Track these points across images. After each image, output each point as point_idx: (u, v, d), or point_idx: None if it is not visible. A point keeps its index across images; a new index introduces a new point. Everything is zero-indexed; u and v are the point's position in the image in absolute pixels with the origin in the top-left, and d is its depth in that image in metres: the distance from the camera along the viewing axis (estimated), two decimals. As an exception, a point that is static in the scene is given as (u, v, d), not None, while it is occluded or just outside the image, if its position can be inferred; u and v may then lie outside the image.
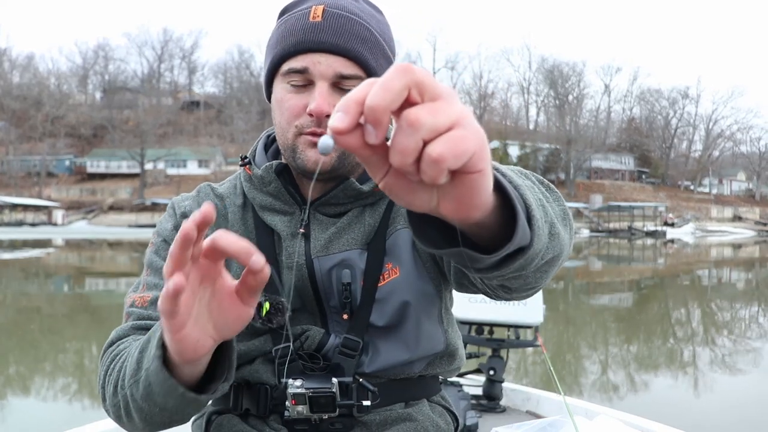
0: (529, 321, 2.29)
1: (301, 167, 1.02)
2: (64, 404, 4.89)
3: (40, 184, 69.82)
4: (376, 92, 0.44)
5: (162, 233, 1.11)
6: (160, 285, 1.03)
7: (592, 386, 5.47)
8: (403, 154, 0.45)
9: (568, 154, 74.48)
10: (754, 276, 17.25)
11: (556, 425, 1.63)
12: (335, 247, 1.04)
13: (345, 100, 0.46)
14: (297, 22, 0.99)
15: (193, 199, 1.14)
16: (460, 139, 0.45)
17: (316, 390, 0.99)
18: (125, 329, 1.00)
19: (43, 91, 79.47)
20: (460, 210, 0.51)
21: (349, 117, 0.45)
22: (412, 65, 0.45)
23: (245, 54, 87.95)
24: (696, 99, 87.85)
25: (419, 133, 0.44)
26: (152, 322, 0.99)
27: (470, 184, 0.48)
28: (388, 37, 1.05)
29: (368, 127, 0.45)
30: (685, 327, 8.73)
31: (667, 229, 57.00)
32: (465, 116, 0.46)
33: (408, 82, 0.44)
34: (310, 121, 0.98)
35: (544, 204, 0.73)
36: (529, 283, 0.79)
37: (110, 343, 0.99)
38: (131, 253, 24.32)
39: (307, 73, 0.98)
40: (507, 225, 0.62)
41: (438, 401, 1.16)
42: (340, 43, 0.97)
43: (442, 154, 0.44)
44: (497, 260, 0.64)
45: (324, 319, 1.05)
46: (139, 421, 0.84)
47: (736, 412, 4.68)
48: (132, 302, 1.04)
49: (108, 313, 9.12)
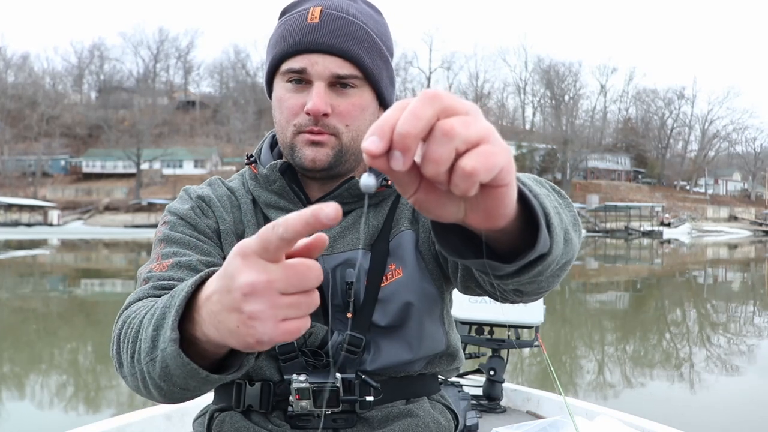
0: (529, 321, 2.29)
1: (299, 165, 1.05)
2: (59, 406, 4.86)
3: (35, 184, 69.62)
4: (406, 119, 0.45)
5: (178, 212, 1.09)
6: (179, 253, 1.01)
7: (588, 386, 5.46)
8: (437, 163, 0.46)
9: (564, 155, 74.63)
10: (750, 276, 17.29)
11: (556, 425, 1.63)
12: (339, 246, 1.06)
13: (379, 125, 0.47)
14: (295, 23, 1.02)
15: (207, 188, 1.15)
16: (491, 153, 0.46)
17: (320, 384, 1.00)
18: (144, 290, 0.95)
19: (39, 90, 79.31)
20: (487, 221, 0.52)
21: (383, 142, 0.46)
22: (439, 92, 0.46)
23: (241, 54, 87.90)
24: (692, 99, 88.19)
25: (453, 142, 0.45)
26: (175, 282, 0.95)
27: (498, 196, 0.50)
28: (386, 37, 1.07)
29: (396, 154, 0.46)
30: (681, 326, 8.75)
31: (664, 229, 57.19)
32: (492, 132, 0.48)
33: (437, 110, 0.46)
34: (308, 120, 1.01)
35: (560, 211, 0.75)
36: (542, 287, 0.81)
37: (126, 307, 0.93)
38: (127, 253, 24.25)
39: (305, 73, 1.00)
40: (526, 230, 0.64)
41: (438, 399, 1.17)
42: (336, 44, 0.99)
43: (475, 168, 0.45)
44: (518, 268, 0.67)
45: (327, 318, 1.06)
46: (157, 395, 0.81)
47: (734, 412, 4.69)
48: (149, 270, 0.99)
49: (104, 314, 9.08)
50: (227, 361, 0.77)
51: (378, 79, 1.05)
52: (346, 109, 1.02)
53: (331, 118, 1.01)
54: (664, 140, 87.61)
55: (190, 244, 1.03)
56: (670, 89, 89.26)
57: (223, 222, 1.09)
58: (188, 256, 1.00)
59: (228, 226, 1.08)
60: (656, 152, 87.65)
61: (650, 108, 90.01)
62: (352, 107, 1.02)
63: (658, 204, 66.17)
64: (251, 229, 1.09)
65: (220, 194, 1.13)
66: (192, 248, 1.02)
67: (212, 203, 1.10)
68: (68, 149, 75.14)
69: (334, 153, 1.03)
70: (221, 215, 1.09)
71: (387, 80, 1.08)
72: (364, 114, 1.04)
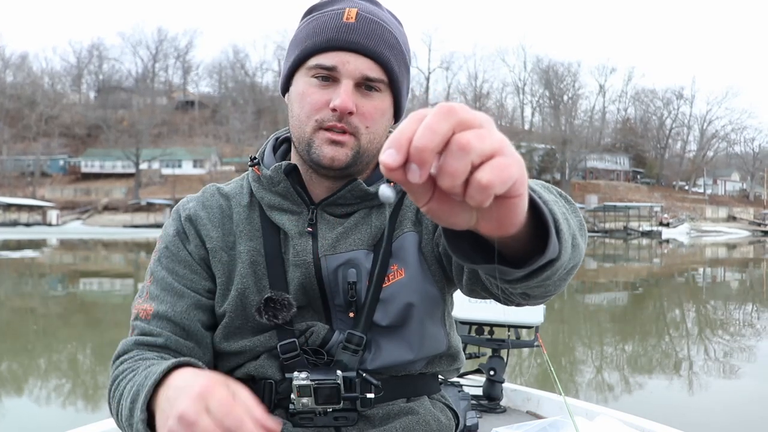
0: (529, 321, 2.28)
1: (315, 162, 1.04)
2: (58, 405, 4.85)
3: (34, 184, 69.49)
4: (423, 134, 0.46)
5: (165, 239, 1.13)
6: (160, 297, 1.08)
7: (588, 386, 5.47)
8: (453, 176, 0.47)
9: (563, 155, 74.63)
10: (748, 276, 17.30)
11: (556, 425, 1.63)
12: (342, 246, 1.07)
13: (396, 138, 0.48)
14: (330, 21, 1.02)
15: (197, 200, 1.16)
16: (506, 166, 0.47)
17: (321, 381, 1.01)
18: (129, 344, 1.05)
19: (37, 90, 79.13)
20: (499, 229, 0.53)
21: (401, 155, 0.47)
22: (454, 106, 0.48)
23: (240, 54, 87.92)
24: (690, 99, 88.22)
25: (469, 156, 0.46)
26: (153, 338, 1.04)
27: (510, 206, 0.51)
28: (408, 47, 1.10)
29: (412, 167, 0.47)
30: (680, 327, 8.75)
31: (663, 229, 57.20)
32: (506, 143, 0.49)
33: (453, 125, 0.47)
34: (332, 116, 1.01)
35: (568, 217, 0.77)
36: (549, 291, 0.83)
37: (117, 356, 1.05)
38: (126, 253, 24.23)
39: (335, 70, 1.01)
40: (536, 236, 0.66)
41: (439, 398, 1.18)
42: (370, 46, 1.01)
43: (491, 181, 0.46)
44: (527, 273, 0.69)
45: (329, 317, 1.08)
46: None
47: (734, 412, 4.69)
48: (137, 314, 1.08)
49: (103, 314, 9.08)
50: None
51: (400, 86, 1.07)
52: (368, 111, 1.03)
53: (354, 118, 1.02)
54: (663, 140, 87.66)
55: (172, 287, 1.08)
56: (668, 89, 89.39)
57: (210, 240, 1.10)
58: (166, 304, 1.06)
59: (215, 244, 1.10)
60: (655, 152, 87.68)
61: (649, 108, 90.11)
62: (374, 110, 1.03)
63: (656, 204, 66.18)
64: (243, 237, 1.10)
65: (211, 206, 1.13)
66: (170, 292, 1.08)
67: (199, 222, 1.11)
68: (67, 149, 75.00)
69: (353, 153, 1.03)
70: (208, 234, 1.10)
71: (405, 90, 1.10)
72: (383, 118, 1.06)
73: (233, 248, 1.09)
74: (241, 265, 1.07)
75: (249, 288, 1.07)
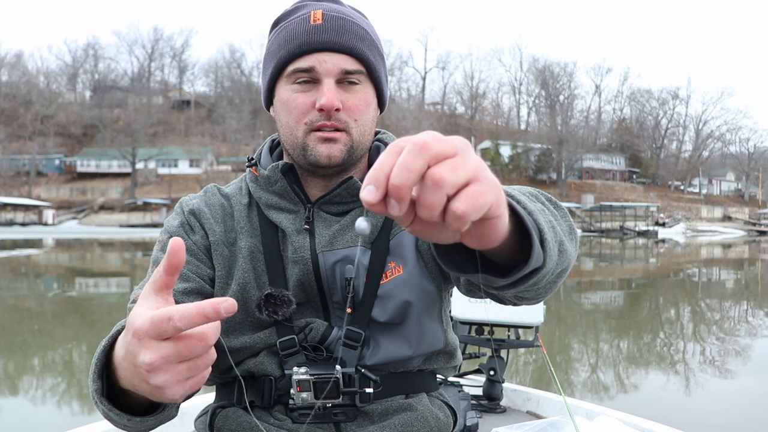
0: (529, 321, 2.28)
1: (313, 163, 1.06)
2: (57, 405, 4.83)
3: (29, 184, 69.30)
4: (398, 173, 0.49)
5: (169, 230, 1.14)
6: None
7: (586, 386, 5.47)
8: (430, 209, 0.49)
9: (559, 154, 74.77)
10: (744, 275, 17.36)
11: (556, 425, 1.62)
12: (339, 243, 1.08)
13: (375, 175, 0.50)
14: (298, 26, 1.05)
15: (200, 198, 1.18)
16: (480, 194, 0.50)
17: (321, 376, 1.02)
18: (120, 326, 1.02)
19: (33, 89, 78.89)
20: (481, 245, 0.57)
21: (380, 191, 0.50)
22: (427, 141, 0.50)
23: (236, 53, 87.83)
24: (686, 100, 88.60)
25: (443, 189, 0.49)
26: None
27: (489, 226, 0.54)
28: (377, 37, 1.13)
29: (392, 202, 0.50)
30: (675, 325, 8.77)
31: (659, 228, 57.37)
32: (480, 169, 0.51)
33: (428, 160, 0.49)
34: (319, 116, 1.04)
35: (554, 224, 0.79)
36: (539, 294, 0.87)
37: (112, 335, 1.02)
38: (122, 253, 24.16)
39: (313, 71, 1.04)
40: (521, 243, 0.69)
41: (437, 396, 1.19)
42: (343, 42, 1.04)
43: (465, 211, 0.49)
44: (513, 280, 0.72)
45: (327, 313, 1.09)
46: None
47: (734, 411, 4.69)
48: (134, 299, 1.05)
49: (99, 314, 9.04)
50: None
51: (379, 75, 1.10)
52: (354, 104, 1.05)
53: (341, 114, 1.04)
54: (659, 140, 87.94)
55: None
56: (664, 89, 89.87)
57: (212, 234, 1.12)
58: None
59: (218, 237, 1.11)
60: (651, 152, 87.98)
61: (645, 108, 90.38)
62: (360, 102, 1.06)
63: (652, 204, 66.37)
64: (244, 234, 1.11)
65: (213, 203, 1.16)
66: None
67: (202, 216, 1.13)
68: (63, 148, 74.86)
69: (347, 149, 1.06)
70: (211, 227, 1.12)
71: (384, 77, 1.13)
72: (369, 109, 1.08)
73: (234, 244, 1.12)
74: (242, 260, 1.09)
75: (250, 283, 1.08)
